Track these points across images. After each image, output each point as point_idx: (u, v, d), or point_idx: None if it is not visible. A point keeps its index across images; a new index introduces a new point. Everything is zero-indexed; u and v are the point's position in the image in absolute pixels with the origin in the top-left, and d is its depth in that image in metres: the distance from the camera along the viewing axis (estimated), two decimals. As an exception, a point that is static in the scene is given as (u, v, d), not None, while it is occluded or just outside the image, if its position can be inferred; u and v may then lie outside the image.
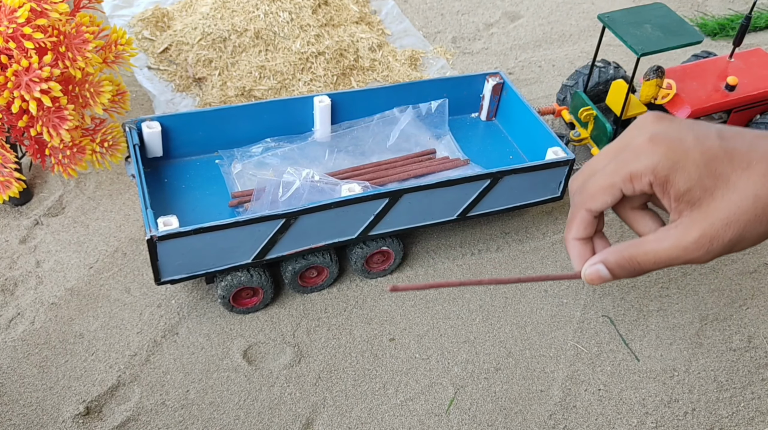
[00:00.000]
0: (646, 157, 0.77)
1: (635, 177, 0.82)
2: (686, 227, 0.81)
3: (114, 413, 1.03)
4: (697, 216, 0.80)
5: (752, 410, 1.09)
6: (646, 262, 0.87)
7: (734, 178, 0.77)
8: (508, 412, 1.07)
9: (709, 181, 0.78)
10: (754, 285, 1.28)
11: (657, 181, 0.81)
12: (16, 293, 1.17)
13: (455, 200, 1.18)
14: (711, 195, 0.78)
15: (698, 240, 0.80)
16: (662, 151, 0.79)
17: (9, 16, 0.98)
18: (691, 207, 0.80)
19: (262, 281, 1.13)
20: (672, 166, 0.78)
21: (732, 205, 0.78)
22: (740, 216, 0.78)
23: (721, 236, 0.80)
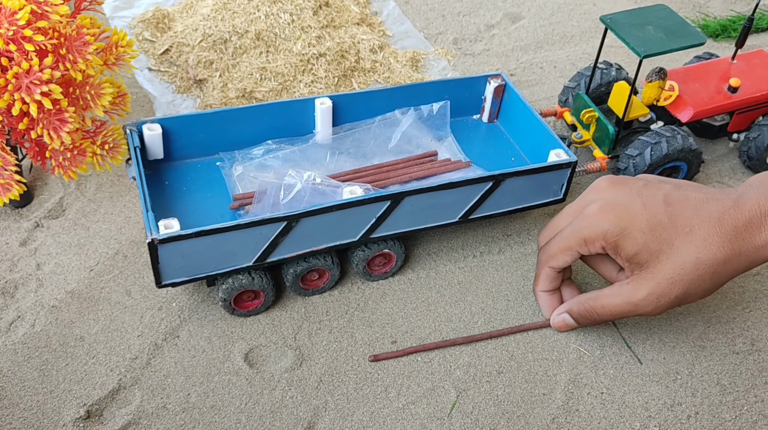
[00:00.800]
0: (597, 226, 0.85)
1: (589, 242, 0.88)
2: (636, 286, 0.87)
3: (115, 416, 1.03)
4: (645, 276, 0.85)
5: (755, 414, 1.09)
6: (603, 313, 0.95)
7: (677, 242, 0.81)
8: (510, 415, 1.06)
9: (654, 246, 0.83)
10: (758, 288, 1.27)
11: (608, 246, 0.88)
12: (16, 295, 1.17)
13: (457, 203, 1.17)
14: (657, 258, 0.83)
15: (646, 297, 0.87)
16: (612, 220, 0.84)
17: (9, 18, 0.98)
18: (640, 268, 0.86)
19: (263, 283, 1.12)
20: (620, 232, 0.84)
21: (676, 267, 0.83)
22: (684, 276, 0.83)
23: (667, 294, 0.86)
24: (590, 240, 0.85)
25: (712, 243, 0.81)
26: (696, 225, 0.81)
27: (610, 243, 0.84)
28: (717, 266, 0.82)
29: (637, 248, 0.82)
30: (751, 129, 1.47)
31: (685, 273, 0.82)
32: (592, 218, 0.84)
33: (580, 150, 1.49)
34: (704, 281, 0.83)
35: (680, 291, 0.84)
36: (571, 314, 0.98)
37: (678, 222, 0.80)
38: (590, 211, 0.85)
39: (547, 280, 1.00)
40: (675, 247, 0.81)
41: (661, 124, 1.40)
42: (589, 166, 1.36)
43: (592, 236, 0.85)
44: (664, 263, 0.82)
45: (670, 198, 0.82)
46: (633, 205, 0.82)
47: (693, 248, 0.81)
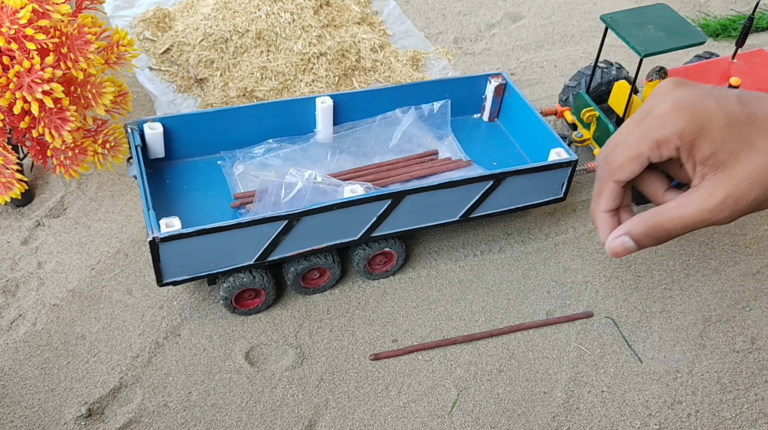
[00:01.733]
0: (672, 124, 0.77)
1: (662, 143, 0.79)
2: (711, 190, 0.79)
3: (116, 414, 1.03)
4: (721, 179, 0.78)
5: (756, 412, 1.09)
6: (672, 228, 0.86)
7: (758, 141, 0.76)
8: (511, 414, 1.07)
9: (733, 145, 0.77)
10: (758, 286, 1.28)
11: (684, 146, 0.81)
12: (17, 294, 1.17)
13: (458, 201, 1.18)
14: (735, 158, 0.77)
15: (724, 201, 0.79)
16: (687, 117, 0.77)
17: (11, 17, 0.98)
18: (715, 170, 0.79)
19: (264, 282, 1.12)
20: (697, 130, 0.77)
21: (756, 166, 0.76)
22: (763, 176, 0.76)
23: (746, 196, 0.78)
24: (664, 141, 0.78)
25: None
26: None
27: (686, 143, 0.77)
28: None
29: (715, 146, 0.76)
30: (752, 128, 1.47)
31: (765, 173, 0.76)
32: (666, 117, 0.78)
33: (580, 149, 1.49)
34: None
35: (759, 192, 0.77)
36: (632, 235, 0.85)
37: (757, 121, 0.75)
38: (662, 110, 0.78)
39: (611, 196, 0.88)
40: (755, 146, 0.75)
41: (662, 124, 1.40)
42: (590, 166, 1.37)
43: (666, 136, 0.78)
44: (743, 164, 0.76)
45: (744, 98, 0.77)
46: (707, 103, 0.76)
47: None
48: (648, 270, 1.29)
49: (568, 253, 1.31)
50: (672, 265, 1.30)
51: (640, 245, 0.91)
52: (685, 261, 1.31)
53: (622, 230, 0.91)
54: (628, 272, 1.28)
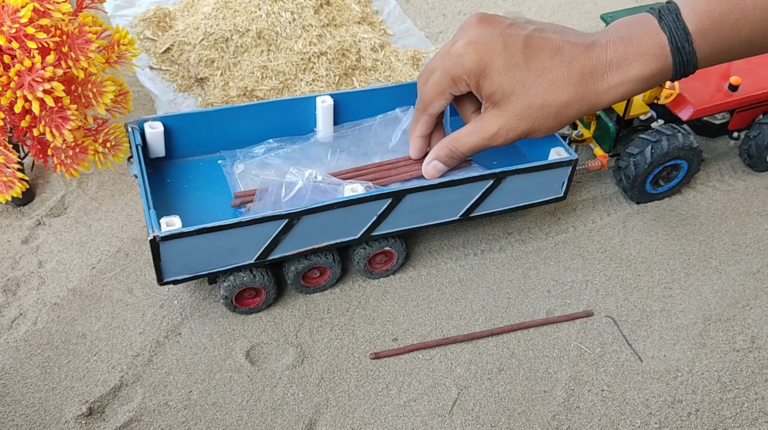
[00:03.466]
0: (461, 64, 0.90)
1: (457, 80, 0.93)
2: (489, 122, 0.93)
3: (117, 413, 1.03)
4: (497, 113, 0.91)
5: (756, 411, 1.09)
6: (464, 150, 1.02)
7: (529, 83, 0.86)
8: (511, 413, 1.07)
9: (507, 86, 0.88)
10: (758, 286, 1.28)
11: (471, 84, 0.92)
12: (18, 293, 1.17)
13: (458, 201, 1.18)
14: (509, 98, 0.89)
15: (498, 132, 0.93)
16: (473, 58, 0.89)
17: (12, 15, 0.98)
18: (493, 106, 0.92)
19: (264, 281, 1.12)
20: (480, 72, 0.89)
21: (524, 106, 0.88)
22: (530, 114, 0.89)
23: (515, 128, 0.92)
24: (458, 78, 0.92)
25: (558, 86, 0.86)
26: (547, 68, 0.86)
27: (473, 81, 0.90)
28: (560, 108, 0.87)
29: (494, 87, 0.88)
30: (752, 127, 1.47)
31: (531, 112, 0.88)
32: (458, 57, 0.90)
33: (580, 148, 1.49)
34: (548, 120, 0.90)
35: (526, 127, 0.91)
36: (439, 159, 1.07)
37: (532, 64, 0.86)
38: (456, 49, 0.90)
39: (424, 125, 1.08)
40: (526, 88, 0.86)
41: (662, 123, 1.41)
42: (590, 165, 1.37)
43: (458, 74, 0.91)
44: (514, 102, 0.88)
45: (531, 41, 0.88)
46: (495, 45, 0.87)
47: (541, 90, 0.87)
48: (648, 269, 1.29)
49: (568, 252, 1.31)
50: (672, 264, 1.30)
51: (447, 165, 1.09)
52: (685, 260, 1.31)
53: (432, 156, 1.09)
54: (628, 271, 1.29)
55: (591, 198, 1.43)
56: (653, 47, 0.82)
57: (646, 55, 0.83)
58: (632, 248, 1.33)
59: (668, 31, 0.81)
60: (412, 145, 1.11)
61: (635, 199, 1.41)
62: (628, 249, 1.33)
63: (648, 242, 1.34)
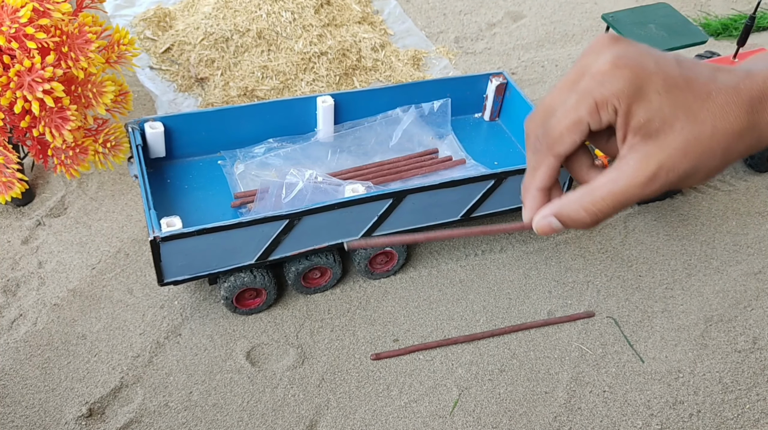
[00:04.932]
0: (611, 83, 0.68)
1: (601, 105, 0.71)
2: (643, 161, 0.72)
3: (117, 414, 1.03)
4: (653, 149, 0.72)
5: (758, 412, 1.09)
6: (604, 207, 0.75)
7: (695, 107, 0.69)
8: (512, 414, 1.06)
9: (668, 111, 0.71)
10: (759, 286, 1.27)
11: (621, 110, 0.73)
12: (18, 293, 1.17)
13: (459, 201, 1.17)
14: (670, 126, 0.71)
15: (656, 173, 0.71)
16: (627, 75, 0.67)
17: (11, 15, 0.98)
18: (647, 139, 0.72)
19: (265, 282, 1.12)
20: (635, 92, 0.68)
21: (690, 136, 0.71)
22: (697, 147, 0.72)
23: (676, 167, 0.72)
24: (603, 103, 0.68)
25: (729, 112, 0.72)
26: (713, 91, 0.68)
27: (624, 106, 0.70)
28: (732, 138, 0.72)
29: (651, 113, 0.67)
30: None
31: (699, 143, 0.69)
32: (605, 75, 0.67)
33: (581, 148, 1.49)
34: (715, 156, 0.70)
35: (689, 165, 0.70)
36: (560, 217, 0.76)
37: (694, 86, 0.67)
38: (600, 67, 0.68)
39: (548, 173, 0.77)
40: (692, 113, 0.67)
41: (663, 123, 1.40)
42: (591, 165, 1.36)
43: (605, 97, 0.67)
44: (678, 132, 0.69)
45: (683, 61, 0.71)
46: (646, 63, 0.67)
47: (710, 116, 0.68)
48: (649, 270, 1.29)
49: (569, 252, 1.31)
50: (673, 265, 1.30)
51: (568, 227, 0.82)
52: (686, 261, 1.31)
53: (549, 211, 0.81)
54: (629, 272, 1.28)
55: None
56: None
57: None
58: (633, 249, 1.33)
59: None
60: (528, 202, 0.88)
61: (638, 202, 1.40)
62: (629, 249, 1.32)
63: (649, 243, 1.34)
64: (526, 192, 0.83)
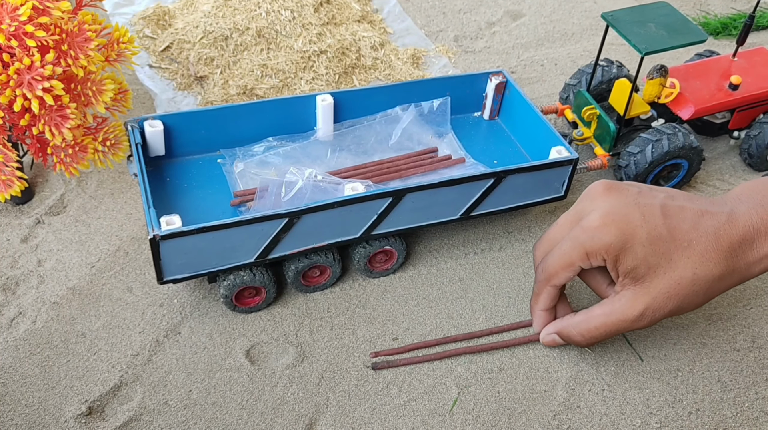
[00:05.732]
0: (600, 238, 0.83)
1: (591, 255, 0.85)
2: (631, 301, 0.85)
3: (116, 413, 1.03)
4: (641, 291, 0.84)
5: (756, 411, 1.09)
6: (597, 334, 0.95)
7: (675, 256, 0.80)
8: (512, 412, 1.07)
9: (653, 260, 0.81)
10: (758, 285, 1.28)
11: (609, 259, 0.85)
12: (17, 292, 1.17)
13: (458, 199, 1.17)
14: (654, 272, 0.82)
15: (643, 313, 0.85)
16: (614, 232, 0.82)
17: (11, 14, 0.98)
18: (635, 282, 0.84)
19: (264, 280, 1.12)
20: (622, 246, 0.82)
21: (672, 282, 0.82)
22: (680, 291, 0.82)
23: (662, 308, 0.85)
24: (593, 253, 0.84)
25: (709, 259, 0.81)
26: (694, 240, 0.80)
27: (611, 256, 0.82)
28: (712, 283, 0.83)
29: (637, 262, 0.81)
30: (752, 127, 1.47)
31: (681, 288, 0.82)
32: (594, 231, 0.83)
33: (581, 147, 1.49)
34: (698, 296, 0.83)
35: (674, 305, 0.84)
36: (562, 335, 0.99)
37: (677, 236, 0.80)
38: (590, 222, 0.83)
39: (548, 298, 0.99)
40: (673, 261, 0.80)
41: (662, 122, 1.40)
42: (590, 164, 1.36)
43: (594, 249, 0.83)
44: (661, 278, 0.82)
45: (668, 209, 0.82)
46: (632, 216, 0.81)
47: (691, 264, 0.81)
48: (648, 268, 1.29)
49: (568, 251, 1.31)
50: (672, 263, 1.30)
51: (569, 343, 1.02)
52: (685, 259, 1.31)
53: (553, 329, 1.02)
54: (628, 271, 1.28)
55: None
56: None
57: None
58: (632, 247, 1.33)
59: None
60: (536, 319, 1.02)
61: None
62: (629, 248, 1.32)
63: (648, 241, 1.34)
64: (532, 312, 1.03)
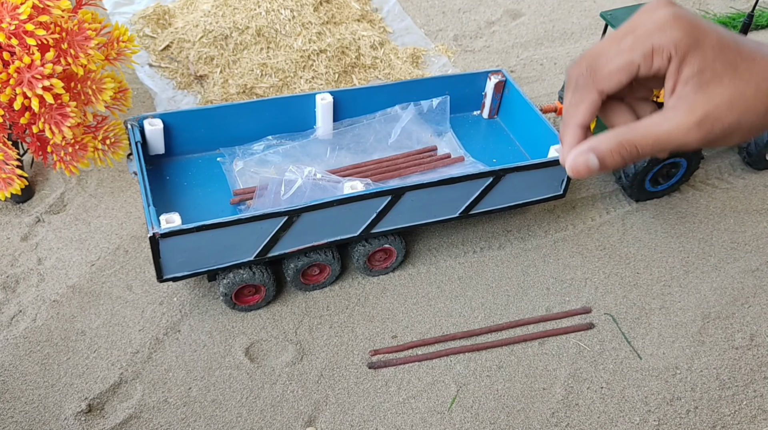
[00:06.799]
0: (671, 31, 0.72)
1: (657, 51, 0.77)
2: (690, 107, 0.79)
3: (116, 410, 1.03)
4: (702, 98, 0.79)
5: (754, 408, 1.09)
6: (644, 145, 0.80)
7: (742, 67, 0.78)
8: (510, 410, 1.07)
9: (720, 66, 0.79)
10: (756, 283, 1.28)
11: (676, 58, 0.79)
12: (17, 290, 1.17)
13: (458, 198, 1.18)
14: (719, 79, 0.78)
15: (702, 120, 0.79)
16: (686, 27, 0.77)
17: (11, 12, 0.98)
18: (697, 90, 0.78)
19: (264, 278, 1.12)
20: (693, 43, 0.76)
21: (736, 91, 0.79)
22: (742, 102, 0.79)
23: (722, 118, 0.80)
24: (659, 49, 0.74)
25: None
26: (758, 57, 0.77)
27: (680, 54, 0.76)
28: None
29: (705, 64, 0.74)
30: (751, 125, 1.47)
31: (744, 98, 0.77)
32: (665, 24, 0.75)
33: (580, 146, 1.49)
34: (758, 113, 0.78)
35: (734, 118, 0.77)
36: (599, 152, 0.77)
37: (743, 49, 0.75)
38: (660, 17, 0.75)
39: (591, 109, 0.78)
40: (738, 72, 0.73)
41: (661, 121, 1.40)
42: (589, 162, 1.36)
43: (663, 43, 0.74)
44: (726, 86, 0.76)
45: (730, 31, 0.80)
46: (701, 21, 0.77)
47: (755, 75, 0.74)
48: (647, 267, 1.29)
49: (567, 250, 1.31)
50: (671, 262, 1.31)
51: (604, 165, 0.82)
52: (684, 258, 1.31)
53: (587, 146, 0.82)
54: (627, 269, 1.29)
55: (590, 196, 1.43)
56: None
57: None
58: (631, 246, 1.33)
59: None
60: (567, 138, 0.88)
61: (634, 197, 1.41)
62: (627, 247, 1.33)
63: (647, 240, 1.34)
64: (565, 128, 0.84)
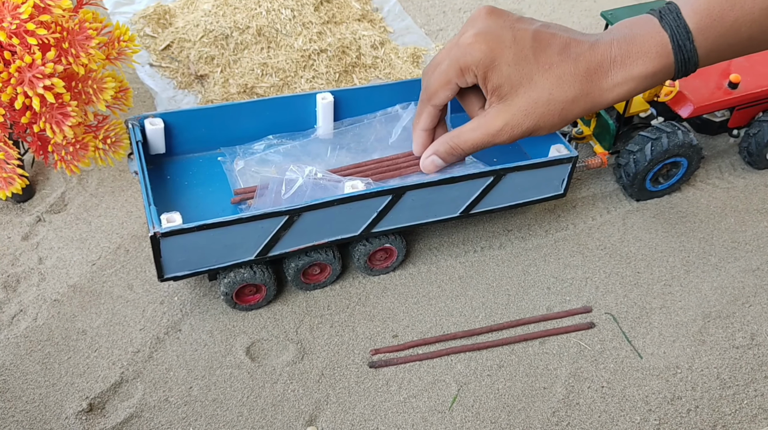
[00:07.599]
0: (471, 54, 0.88)
1: (464, 71, 0.90)
2: (493, 117, 0.91)
3: (117, 409, 1.03)
4: (502, 108, 0.89)
5: (755, 408, 1.09)
6: (467, 147, 0.98)
7: (536, 77, 0.86)
8: (511, 409, 1.07)
9: (515, 79, 0.87)
10: (757, 283, 1.28)
11: (480, 75, 0.90)
12: (18, 289, 1.17)
13: (458, 197, 1.18)
14: (516, 91, 0.87)
15: (503, 128, 0.90)
16: (483, 49, 0.87)
17: (12, 12, 0.98)
18: (498, 101, 0.90)
19: (265, 277, 1.12)
20: (490, 63, 0.87)
21: (530, 101, 0.87)
22: (536, 109, 0.87)
23: (520, 125, 0.90)
24: (465, 69, 0.89)
25: (565, 82, 0.85)
26: (555, 64, 0.85)
27: (481, 72, 0.88)
28: (566, 104, 0.86)
29: (501, 80, 0.87)
30: (751, 125, 1.47)
31: (537, 107, 0.87)
32: (467, 47, 0.88)
33: (580, 145, 1.49)
34: (553, 117, 0.88)
35: (531, 123, 0.89)
36: (439, 155, 1.03)
37: (540, 59, 0.85)
38: (465, 39, 0.89)
39: (429, 118, 1.04)
40: (533, 82, 0.85)
41: (662, 120, 1.41)
42: (590, 162, 1.37)
43: (467, 64, 0.88)
44: (521, 97, 0.87)
45: (539, 35, 0.87)
46: (504, 37, 0.87)
47: (548, 85, 0.86)
48: (648, 266, 1.29)
49: (568, 249, 1.31)
50: (672, 261, 1.31)
51: (446, 162, 1.05)
52: (685, 257, 1.31)
53: (431, 151, 1.05)
54: (628, 268, 1.29)
55: (591, 195, 1.43)
56: (655, 45, 0.83)
57: (648, 53, 0.83)
58: (632, 245, 1.33)
59: (669, 29, 0.82)
60: (415, 140, 1.08)
61: (635, 197, 1.41)
62: (628, 246, 1.33)
63: (648, 239, 1.34)
64: (414, 131, 1.07)
